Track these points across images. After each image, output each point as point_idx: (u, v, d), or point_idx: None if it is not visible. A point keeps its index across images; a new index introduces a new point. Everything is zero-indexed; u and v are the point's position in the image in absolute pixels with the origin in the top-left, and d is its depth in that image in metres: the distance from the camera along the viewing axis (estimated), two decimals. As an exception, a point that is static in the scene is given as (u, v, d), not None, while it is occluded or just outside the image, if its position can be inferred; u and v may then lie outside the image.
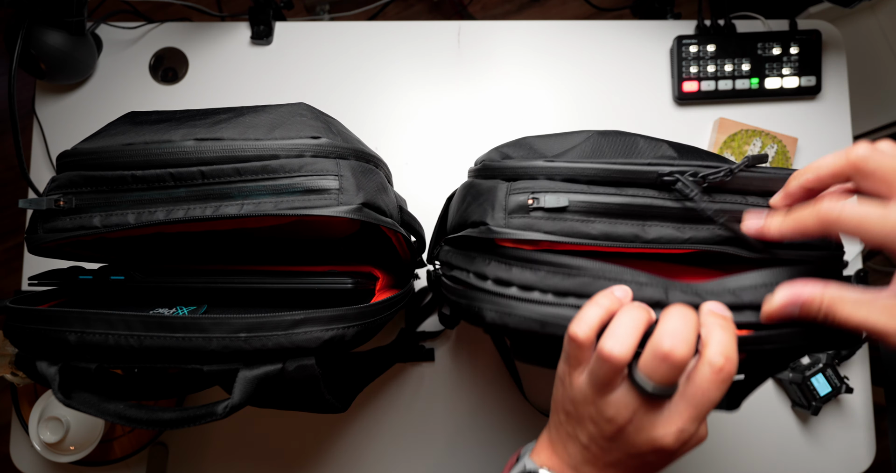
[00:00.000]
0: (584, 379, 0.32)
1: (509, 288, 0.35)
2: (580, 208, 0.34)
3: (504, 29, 0.79)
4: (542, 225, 0.35)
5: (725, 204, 0.34)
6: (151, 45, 0.78)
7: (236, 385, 0.35)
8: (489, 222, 0.36)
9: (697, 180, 0.33)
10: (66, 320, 0.35)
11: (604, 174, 0.34)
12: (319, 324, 0.36)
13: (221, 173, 0.36)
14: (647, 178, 0.34)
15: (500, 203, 0.36)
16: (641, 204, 0.34)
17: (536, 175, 0.36)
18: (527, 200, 0.35)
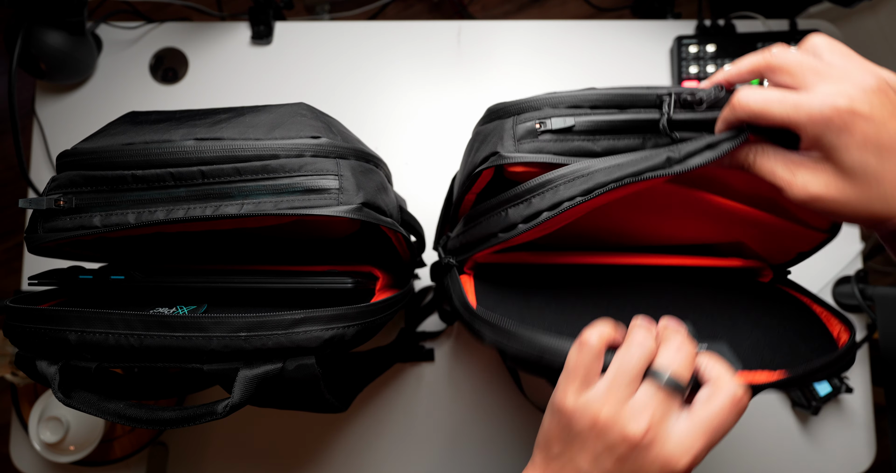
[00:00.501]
0: (599, 391, 0.31)
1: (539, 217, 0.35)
2: (586, 127, 0.36)
3: (504, 29, 0.79)
4: (551, 147, 0.36)
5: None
6: (151, 45, 0.79)
7: (236, 385, 0.35)
8: (500, 150, 0.37)
9: (685, 98, 0.34)
10: (66, 319, 0.35)
11: (606, 98, 0.36)
12: (319, 323, 0.36)
13: (221, 173, 0.36)
14: (647, 99, 0.35)
15: (509, 133, 0.37)
16: (644, 119, 0.35)
17: (540, 106, 0.37)
18: (534, 125, 0.36)
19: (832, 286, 0.73)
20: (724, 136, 0.32)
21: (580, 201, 0.34)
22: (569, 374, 0.31)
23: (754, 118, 0.30)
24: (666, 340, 0.32)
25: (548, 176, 0.35)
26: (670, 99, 0.35)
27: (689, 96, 0.34)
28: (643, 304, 0.42)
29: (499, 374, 0.70)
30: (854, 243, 0.74)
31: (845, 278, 0.72)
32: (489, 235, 0.38)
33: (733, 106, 0.31)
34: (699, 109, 0.34)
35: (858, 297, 0.68)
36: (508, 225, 0.37)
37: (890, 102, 0.28)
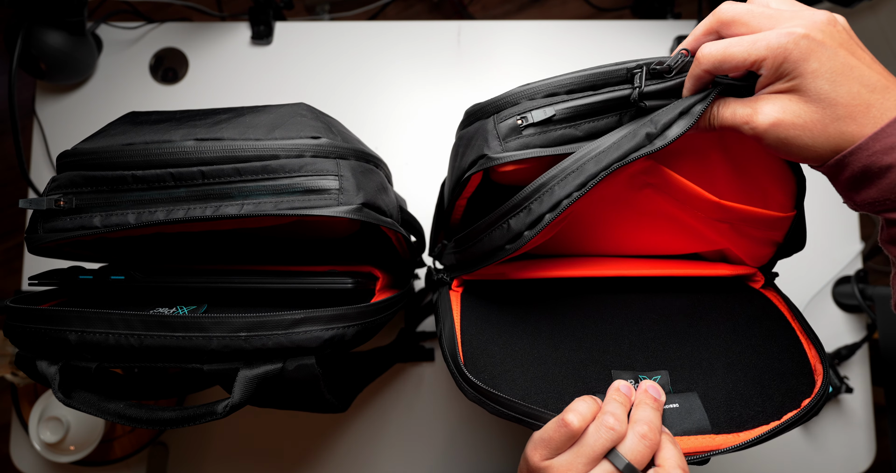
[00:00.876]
0: (562, 460, 0.34)
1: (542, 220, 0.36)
2: (566, 114, 0.36)
3: (504, 29, 0.79)
4: (536, 140, 0.37)
5: None
6: (151, 45, 0.79)
7: (236, 385, 0.35)
8: (486, 152, 0.37)
9: (654, 68, 0.35)
10: (66, 319, 0.35)
11: (580, 81, 0.37)
12: (319, 323, 0.36)
13: (221, 173, 0.36)
14: (619, 75, 0.36)
15: (493, 134, 0.37)
16: (619, 96, 0.36)
17: (517, 100, 0.37)
18: (516, 121, 0.37)
19: (832, 286, 0.73)
20: (694, 99, 0.33)
21: (577, 197, 0.34)
22: (543, 440, 0.35)
23: (718, 65, 0.31)
24: (635, 421, 0.34)
25: (540, 180, 0.35)
26: (642, 72, 0.35)
27: (657, 66, 0.35)
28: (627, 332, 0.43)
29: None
30: (854, 243, 0.74)
31: (845, 278, 0.72)
32: (496, 248, 0.38)
33: (697, 59, 0.32)
34: (668, 76, 0.35)
35: (858, 297, 0.68)
36: (514, 235, 0.37)
37: (838, 33, 0.30)
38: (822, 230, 0.74)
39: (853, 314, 0.72)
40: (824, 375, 0.39)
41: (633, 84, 0.36)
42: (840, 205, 0.74)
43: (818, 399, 0.37)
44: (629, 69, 0.36)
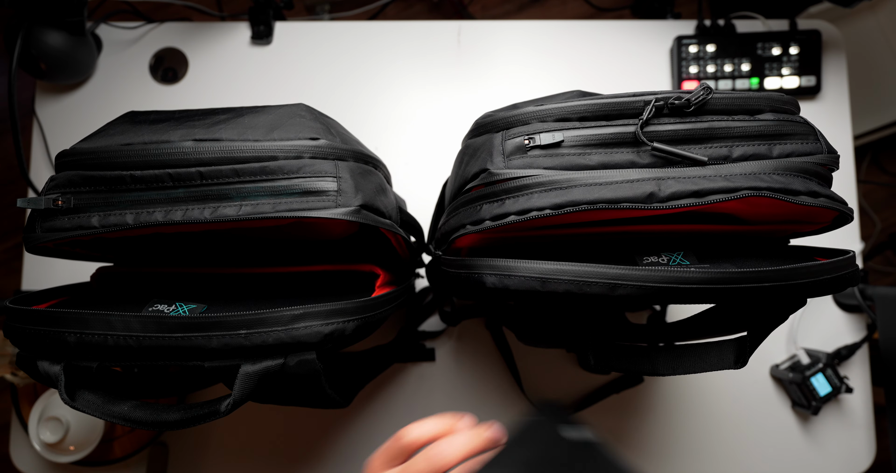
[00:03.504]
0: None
1: (506, 219, 0.35)
2: (576, 142, 0.36)
3: (504, 29, 0.79)
4: (541, 162, 0.36)
5: (714, 122, 0.35)
6: (151, 45, 0.79)
7: (237, 381, 0.35)
8: (489, 167, 0.37)
9: (672, 103, 0.34)
10: (64, 321, 0.35)
11: (594, 109, 0.36)
12: (319, 318, 0.36)
13: (220, 174, 0.36)
14: (635, 107, 0.35)
15: (498, 149, 0.37)
16: (633, 132, 0.35)
17: (529, 120, 0.37)
18: (523, 141, 0.36)
19: (832, 287, 0.72)
20: (714, 186, 0.33)
21: (549, 214, 0.34)
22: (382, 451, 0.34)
23: None
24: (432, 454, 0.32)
25: (526, 180, 0.35)
26: (650, 105, 0.34)
27: (676, 101, 0.34)
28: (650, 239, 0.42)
29: (499, 374, 0.70)
30: (854, 243, 0.74)
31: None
32: (460, 225, 0.39)
33: None
34: (688, 111, 0.34)
35: (858, 297, 0.68)
36: (477, 219, 0.37)
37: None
38: (822, 230, 0.74)
39: (853, 314, 0.72)
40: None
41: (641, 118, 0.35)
42: (840, 205, 0.74)
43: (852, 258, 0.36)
44: (646, 102, 0.35)
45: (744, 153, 0.35)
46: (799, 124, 0.36)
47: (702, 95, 0.34)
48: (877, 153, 1.47)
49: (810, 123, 0.37)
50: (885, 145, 1.44)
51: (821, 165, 0.36)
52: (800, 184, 0.34)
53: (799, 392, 0.67)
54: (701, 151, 0.35)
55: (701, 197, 0.33)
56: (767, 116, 0.36)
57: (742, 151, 0.35)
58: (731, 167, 0.34)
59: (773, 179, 0.34)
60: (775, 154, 0.36)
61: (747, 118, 0.36)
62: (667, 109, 0.35)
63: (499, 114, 0.39)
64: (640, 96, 0.35)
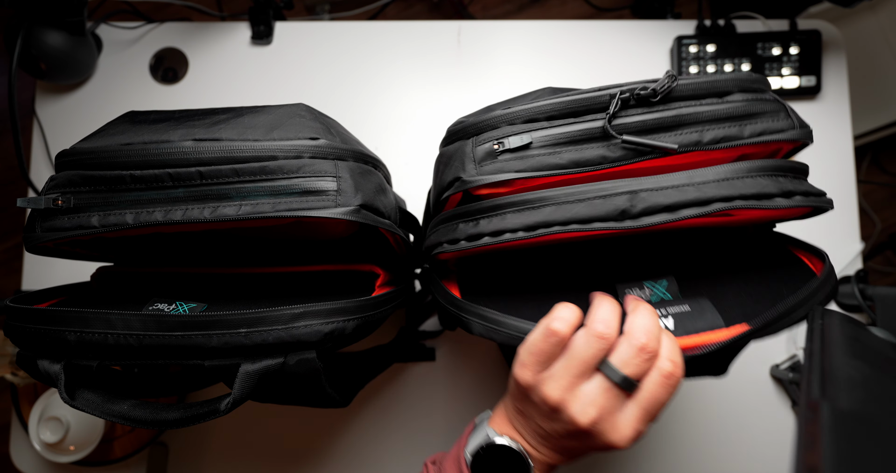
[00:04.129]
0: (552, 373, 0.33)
1: (480, 240, 0.36)
2: (545, 142, 0.36)
3: (504, 29, 0.79)
4: (512, 165, 0.36)
5: (681, 109, 0.35)
6: (151, 45, 0.79)
7: (237, 380, 0.35)
8: (462, 175, 0.37)
9: (638, 94, 0.34)
10: (65, 319, 0.35)
11: (560, 107, 0.36)
12: (319, 317, 0.36)
13: (220, 174, 0.36)
14: (601, 102, 0.35)
15: (469, 157, 0.37)
16: (601, 126, 0.35)
17: (497, 124, 0.37)
18: (492, 146, 0.36)
19: (832, 287, 0.72)
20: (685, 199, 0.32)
21: (522, 237, 0.34)
22: (531, 353, 0.33)
23: None
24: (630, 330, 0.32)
25: (498, 200, 0.35)
26: (616, 98, 0.34)
27: (641, 91, 0.34)
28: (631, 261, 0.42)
29: (500, 375, 0.70)
30: (854, 243, 0.74)
31: (845, 278, 0.72)
32: (438, 243, 0.39)
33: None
34: (654, 101, 0.34)
35: (858, 297, 0.68)
36: (453, 239, 0.38)
37: None
38: (822, 231, 0.74)
39: (853, 315, 0.72)
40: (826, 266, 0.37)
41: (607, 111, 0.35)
42: (839, 205, 0.74)
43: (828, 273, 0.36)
44: (612, 95, 0.35)
45: (714, 137, 0.35)
46: (768, 102, 0.36)
47: (667, 82, 0.34)
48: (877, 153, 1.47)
49: (780, 100, 0.37)
50: (885, 145, 1.44)
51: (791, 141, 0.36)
52: (773, 186, 0.34)
53: (799, 392, 0.67)
54: (671, 138, 0.35)
55: (673, 212, 0.32)
56: (736, 97, 0.36)
57: (713, 134, 0.35)
58: (704, 173, 0.33)
59: (745, 183, 0.33)
60: (747, 134, 0.35)
61: (716, 101, 0.35)
62: (633, 100, 0.35)
63: (469, 120, 0.39)
64: (605, 90, 0.35)
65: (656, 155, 0.35)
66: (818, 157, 0.75)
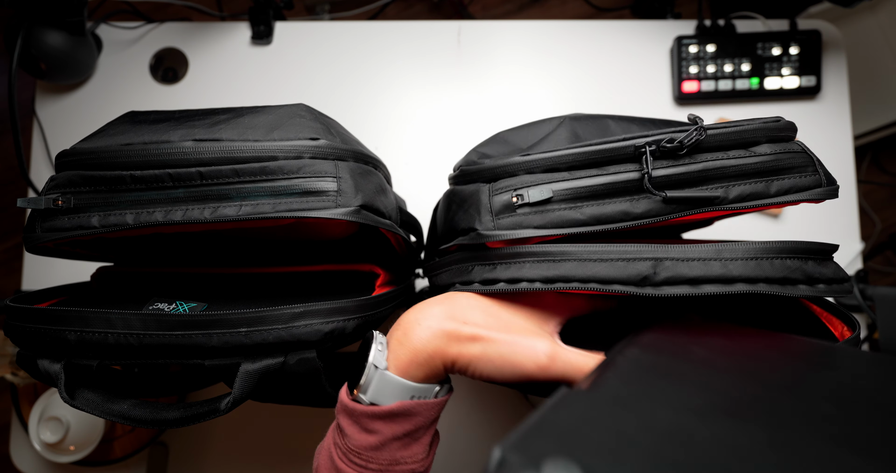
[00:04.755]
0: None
1: (496, 285, 0.35)
2: (566, 196, 0.34)
3: (504, 29, 0.79)
4: (531, 220, 0.35)
5: (708, 162, 0.34)
6: (151, 45, 0.79)
7: (237, 380, 0.35)
8: (478, 227, 0.36)
9: (664, 146, 0.33)
10: (65, 319, 0.35)
11: (582, 158, 0.34)
12: (319, 317, 0.36)
13: (220, 174, 0.36)
14: (625, 153, 0.34)
15: (486, 206, 0.36)
16: (625, 180, 0.34)
17: (516, 171, 0.36)
18: (511, 198, 0.35)
19: (832, 287, 0.72)
20: (710, 274, 0.31)
21: (538, 288, 0.33)
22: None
23: None
24: None
25: (519, 249, 0.34)
26: (647, 153, 0.33)
27: (667, 144, 0.33)
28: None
29: (498, 374, 0.70)
30: (854, 243, 0.74)
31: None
32: (451, 283, 0.38)
33: None
34: (681, 154, 0.33)
35: (858, 297, 0.68)
36: (468, 280, 0.37)
37: None
38: (822, 231, 0.74)
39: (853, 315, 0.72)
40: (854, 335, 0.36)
41: (639, 164, 0.33)
42: (840, 206, 0.74)
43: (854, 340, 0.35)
44: (637, 147, 0.33)
45: (741, 193, 0.34)
46: (797, 155, 0.35)
47: (694, 136, 0.32)
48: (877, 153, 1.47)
49: (808, 152, 0.36)
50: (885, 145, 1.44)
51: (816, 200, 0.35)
52: (800, 271, 0.33)
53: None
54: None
55: (695, 286, 0.32)
56: (763, 149, 0.35)
57: (739, 191, 0.34)
58: (734, 248, 0.32)
59: (772, 266, 0.32)
60: (773, 192, 0.34)
61: (743, 154, 0.34)
62: (658, 152, 0.33)
63: (485, 162, 0.38)
64: (629, 140, 0.34)
65: (684, 213, 0.34)
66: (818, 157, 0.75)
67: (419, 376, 0.34)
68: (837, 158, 0.75)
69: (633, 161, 0.34)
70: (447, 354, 0.33)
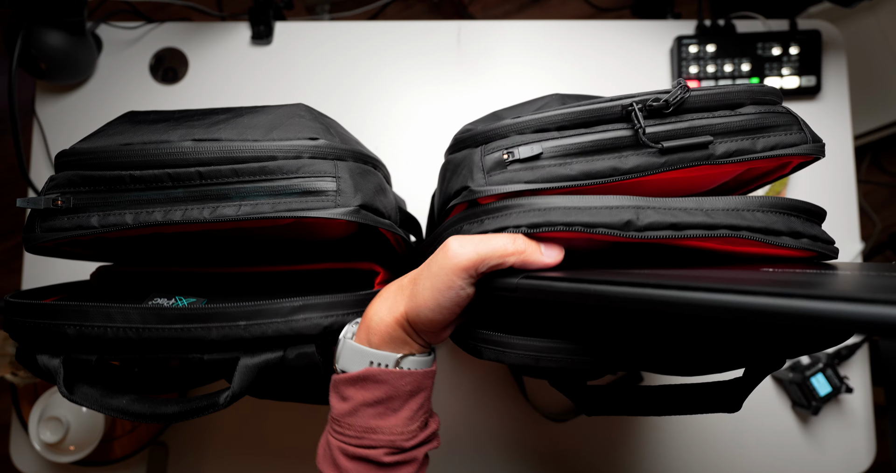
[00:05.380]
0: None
1: None
2: (555, 152, 0.35)
3: (504, 29, 0.79)
4: (522, 176, 0.35)
5: (694, 121, 0.35)
6: (151, 45, 0.79)
7: (237, 374, 0.35)
8: (470, 184, 0.37)
9: (650, 105, 0.34)
10: (64, 313, 0.35)
11: (571, 118, 0.35)
12: (318, 310, 0.36)
13: (219, 174, 0.36)
14: (613, 112, 0.34)
15: (478, 165, 0.37)
16: (613, 137, 0.34)
17: (507, 133, 0.36)
18: (502, 155, 0.36)
19: (832, 287, 0.72)
20: (692, 220, 0.32)
21: (524, 232, 0.34)
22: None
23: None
24: None
25: (507, 202, 0.35)
26: (636, 110, 0.33)
27: (654, 102, 0.33)
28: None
29: (500, 376, 0.70)
30: (854, 243, 0.74)
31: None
32: None
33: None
34: (666, 113, 0.34)
35: (858, 297, 0.68)
36: None
37: None
38: (822, 230, 0.74)
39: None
40: None
41: (628, 123, 0.34)
42: (840, 206, 0.74)
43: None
44: (624, 107, 0.34)
45: (727, 150, 0.35)
46: (781, 115, 0.36)
47: (679, 94, 0.33)
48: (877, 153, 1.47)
49: (793, 113, 0.36)
50: (885, 145, 1.44)
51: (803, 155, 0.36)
52: (782, 223, 0.33)
53: (799, 392, 0.67)
54: None
55: (679, 230, 0.32)
56: (749, 109, 0.35)
57: (725, 147, 0.35)
58: (714, 201, 0.33)
59: (755, 216, 0.33)
60: (759, 148, 0.35)
61: (728, 114, 0.35)
62: (645, 111, 0.34)
63: (477, 127, 0.38)
64: (616, 101, 0.34)
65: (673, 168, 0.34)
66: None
67: (376, 341, 0.35)
68: (837, 158, 0.75)
69: (621, 121, 0.35)
70: (395, 311, 0.36)
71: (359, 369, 0.35)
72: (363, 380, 0.35)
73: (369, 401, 0.35)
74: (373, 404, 0.35)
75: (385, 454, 0.34)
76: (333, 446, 0.35)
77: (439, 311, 0.34)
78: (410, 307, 0.35)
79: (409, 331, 0.36)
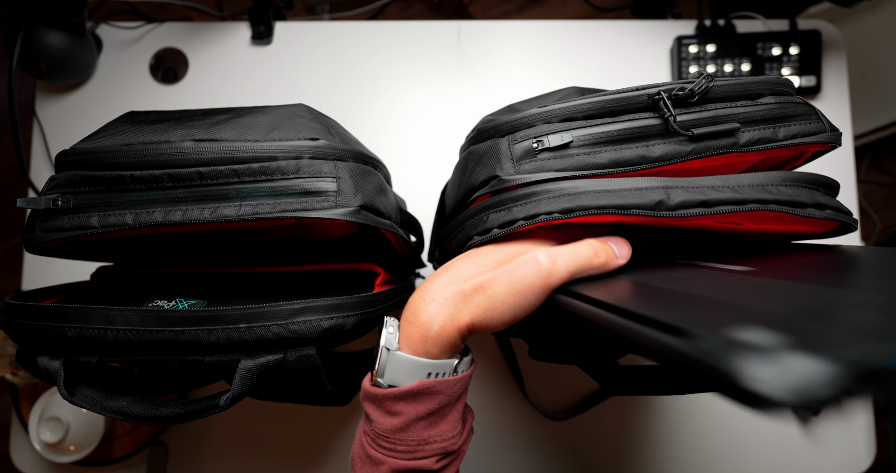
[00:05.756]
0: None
1: (514, 225, 0.35)
2: (584, 141, 0.35)
3: (504, 29, 0.79)
4: (552, 164, 0.35)
5: (718, 111, 0.35)
6: (151, 45, 0.79)
7: (237, 376, 0.35)
8: (499, 173, 0.36)
9: (675, 95, 0.34)
10: (64, 315, 0.35)
11: (598, 107, 0.35)
12: (319, 313, 0.36)
13: (219, 174, 0.36)
14: (640, 102, 0.35)
15: (506, 154, 0.37)
16: (641, 126, 0.35)
17: (534, 122, 0.36)
18: (531, 144, 0.36)
19: (832, 287, 0.72)
20: (722, 197, 0.33)
21: (557, 218, 0.34)
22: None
23: None
24: None
25: (535, 188, 0.35)
26: (664, 98, 0.34)
27: (679, 92, 0.34)
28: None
29: (500, 374, 0.70)
30: (854, 243, 0.74)
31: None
32: (468, 238, 0.38)
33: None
34: (692, 102, 0.35)
35: (858, 297, 0.68)
36: (485, 229, 0.37)
37: None
38: (822, 231, 0.74)
39: (853, 315, 0.72)
40: None
41: (655, 112, 0.35)
42: (840, 205, 0.74)
43: None
44: (650, 95, 0.35)
45: (750, 138, 0.35)
46: (800, 105, 0.37)
47: (703, 83, 0.34)
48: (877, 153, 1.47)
49: (809, 103, 0.37)
50: (885, 145, 1.44)
51: (823, 144, 0.37)
52: (806, 196, 0.34)
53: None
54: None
55: (709, 207, 0.33)
56: (769, 100, 0.36)
57: (749, 136, 0.35)
58: (738, 178, 0.34)
59: (780, 190, 0.34)
60: (781, 136, 0.36)
61: (749, 103, 0.36)
62: (672, 100, 0.35)
63: (501, 117, 0.38)
64: (643, 90, 0.35)
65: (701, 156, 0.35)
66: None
67: (434, 351, 0.34)
68: (837, 158, 0.75)
69: (647, 110, 0.35)
70: (458, 320, 0.33)
71: (412, 381, 0.33)
72: (416, 394, 0.33)
73: (422, 414, 0.33)
74: (426, 416, 0.33)
75: (436, 461, 0.34)
76: (381, 461, 0.34)
77: (511, 321, 0.34)
78: (480, 319, 0.33)
79: (465, 337, 0.35)
